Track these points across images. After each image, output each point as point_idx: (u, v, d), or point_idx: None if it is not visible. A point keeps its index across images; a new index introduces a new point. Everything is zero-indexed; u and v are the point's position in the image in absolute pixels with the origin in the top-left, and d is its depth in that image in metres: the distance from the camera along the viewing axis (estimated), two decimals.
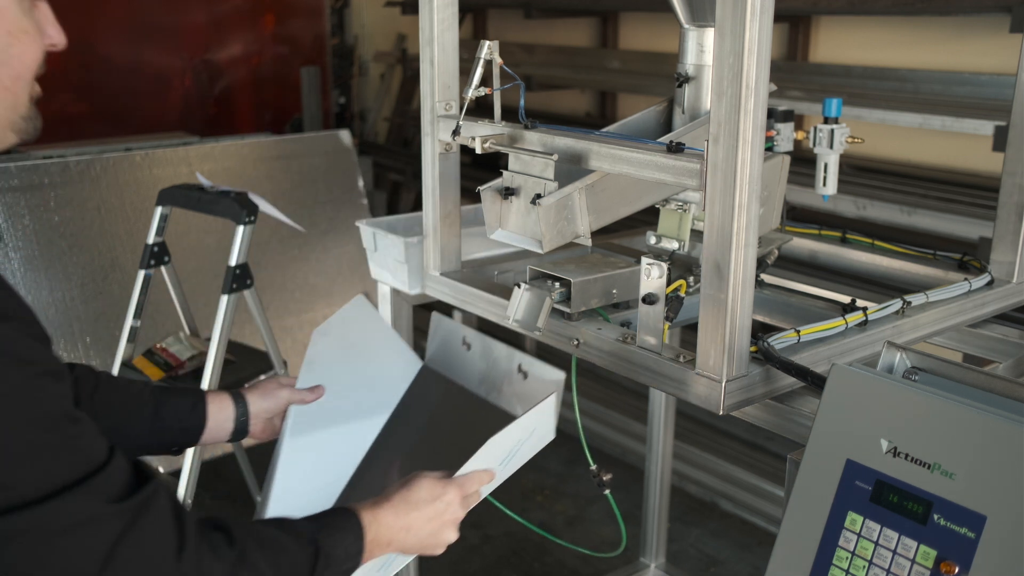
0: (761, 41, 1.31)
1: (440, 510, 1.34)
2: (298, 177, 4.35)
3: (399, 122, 6.21)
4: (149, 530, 1.05)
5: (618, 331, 1.66)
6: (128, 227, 3.83)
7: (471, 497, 1.40)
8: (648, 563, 2.88)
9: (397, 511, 1.32)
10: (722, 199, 1.37)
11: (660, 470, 2.80)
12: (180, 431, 1.53)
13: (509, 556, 3.33)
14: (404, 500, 1.33)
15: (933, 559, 1.14)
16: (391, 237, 2.08)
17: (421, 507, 1.33)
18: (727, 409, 1.47)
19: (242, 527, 1.18)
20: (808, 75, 3.91)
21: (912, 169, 3.69)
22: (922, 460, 1.17)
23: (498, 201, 1.71)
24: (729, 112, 1.34)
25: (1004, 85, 3.30)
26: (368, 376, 1.75)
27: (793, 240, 2.14)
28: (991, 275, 1.92)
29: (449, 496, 1.35)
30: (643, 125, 1.87)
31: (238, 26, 5.74)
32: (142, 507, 1.05)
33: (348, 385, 1.70)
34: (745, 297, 1.42)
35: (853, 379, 1.25)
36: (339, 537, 1.25)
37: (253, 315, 2.89)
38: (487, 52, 1.71)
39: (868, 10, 3.51)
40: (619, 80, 4.69)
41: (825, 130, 1.81)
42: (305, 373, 1.67)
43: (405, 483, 1.36)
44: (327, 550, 1.22)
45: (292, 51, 5.99)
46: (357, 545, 1.26)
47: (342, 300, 4.39)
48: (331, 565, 1.23)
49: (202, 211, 2.84)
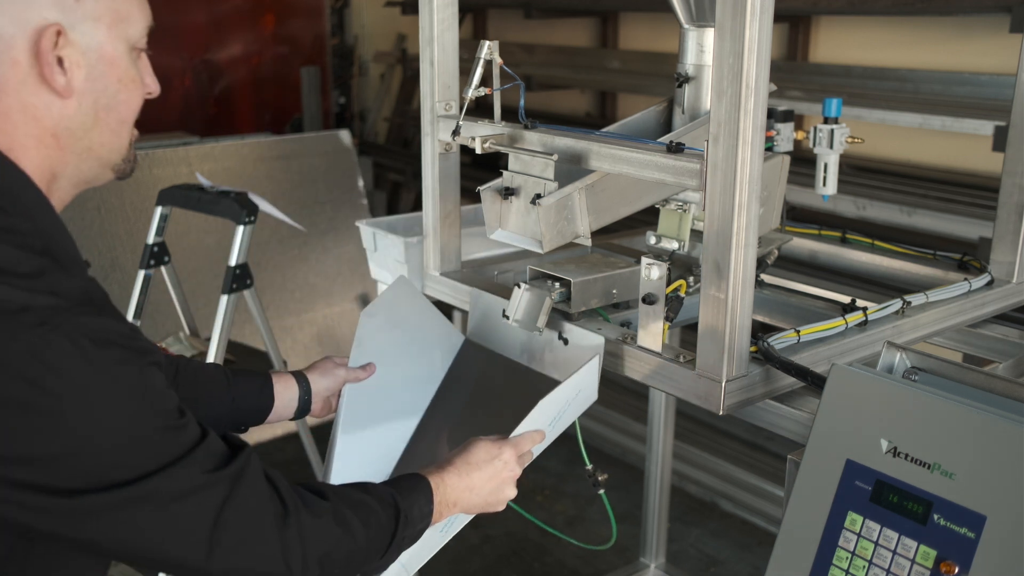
0: (761, 41, 1.31)
1: (499, 468, 1.43)
2: (298, 177, 4.35)
3: (399, 122, 6.21)
4: (249, 495, 1.14)
5: (618, 331, 1.66)
6: (128, 227, 3.83)
7: (525, 456, 1.48)
8: (648, 563, 2.88)
9: (460, 473, 1.41)
10: (722, 199, 1.38)
11: (660, 470, 2.80)
12: (251, 411, 1.63)
13: (509, 556, 3.33)
14: (465, 462, 1.42)
15: (933, 559, 1.14)
16: (391, 237, 2.08)
17: (481, 467, 1.42)
18: (727, 409, 1.47)
19: (332, 490, 1.27)
20: (808, 75, 3.91)
21: (912, 169, 3.69)
22: (922, 460, 1.17)
23: (498, 201, 1.71)
24: (729, 112, 1.34)
25: (1004, 85, 3.30)
26: (415, 352, 1.83)
27: (793, 240, 2.14)
28: (991, 275, 1.92)
29: (506, 455, 1.44)
30: (643, 125, 1.87)
31: (238, 26, 5.74)
32: (239, 474, 1.14)
33: (397, 361, 1.78)
34: (745, 297, 1.42)
35: (853, 379, 1.25)
36: (413, 498, 1.34)
37: (253, 315, 2.89)
38: (487, 52, 1.71)
39: (868, 10, 3.51)
40: (619, 80, 4.69)
41: (825, 130, 1.82)
42: (356, 352, 1.75)
43: (463, 448, 1.45)
44: (405, 511, 1.31)
45: (292, 51, 5.99)
46: (428, 506, 1.36)
47: (342, 300, 4.40)
48: (409, 524, 1.32)
49: (202, 211, 2.84)
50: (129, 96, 1.18)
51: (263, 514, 1.15)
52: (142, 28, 1.18)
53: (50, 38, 1.08)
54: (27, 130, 1.12)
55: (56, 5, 1.09)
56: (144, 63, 1.21)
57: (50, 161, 1.14)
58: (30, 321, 0.99)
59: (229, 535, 1.12)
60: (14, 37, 1.08)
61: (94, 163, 1.19)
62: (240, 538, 1.13)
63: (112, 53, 1.14)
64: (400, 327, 1.80)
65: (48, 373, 0.99)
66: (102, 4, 1.12)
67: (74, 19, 1.10)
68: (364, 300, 4.44)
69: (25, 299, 1.00)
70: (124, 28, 1.15)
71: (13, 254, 1.03)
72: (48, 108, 1.12)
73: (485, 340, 1.84)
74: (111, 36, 1.14)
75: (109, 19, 1.13)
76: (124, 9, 1.15)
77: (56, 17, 1.09)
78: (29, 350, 0.99)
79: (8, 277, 1.01)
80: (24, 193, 1.11)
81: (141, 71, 1.20)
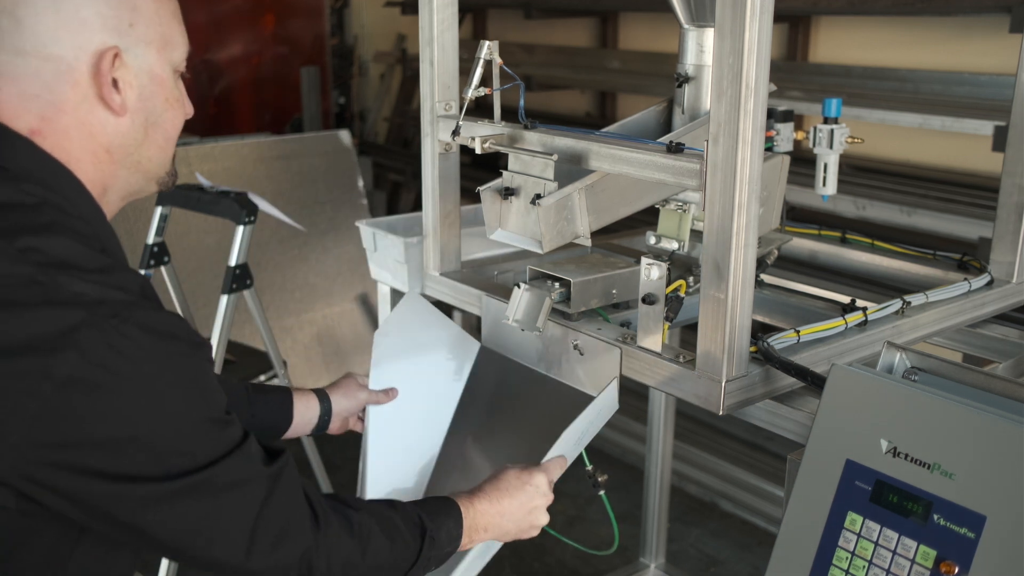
0: (761, 41, 1.31)
1: (531, 495, 1.47)
2: (298, 177, 4.35)
3: (399, 122, 6.21)
4: (286, 497, 1.19)
5: (618, 331, 1.66)
6: (128, 227, 3.83)
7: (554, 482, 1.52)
8: (648, 563, 2.88)
9: (491, 499, 1.44)
10: (722, 199, 1.37)
11: (660, 470, 2.80)
12: (270, 426, 1.67)
13: (509, 556, 3.33)
14: (496, 488, 1.46)
15: (933, 559, 1.14)
16: (391, 237, 2.08)
17: (513, 493, 1.46)
18: (727, 409, 1.47)
19: (361, 504, 1.31)
20: (808, 75, 3.91)
21: (912, 169, 3.69)
22: (922, 460, 1.17)
23: (498, 201, 1.71)
24: (729, 112, 1.34)
25: (1004, 85, 3.29)
26: (433, 365, 1.84)
27: (793, 240, 2.14)
28: (991, 275, 1.92)
29: (537, 480, 1.47)
30: (643, 125, 1.87)
31: (238, 26, 5.74)
32: (279, 475, 1.19)
33: (417, 377, 1.80)
34: (745, 297, 1.42)
35: (853, 379, 1.25)
36: (441, 520, 1.37)
37: (253, 315, 2.89)
38: (487, 52, 1.71)
39: (868, 10, 3.51)
40: (619, 80, 4.69)
41: (825, 130, 1.82)
42: (375, 374, 1.76)
43: (493, 476, 1.49)
44: (432, 532, 1.34)
45: (292, 51, 5.99)
46: (457, 530, 1.39)
47: (342, 300, 4.40)
48: (435, 547, 1.35)
49: (202, 211, 2.84)
50: (174, 115, 1.27)
51: (299, 517, 1.20)
52: (183, 53, 1.27)
53: (109, 61, 1.15)
54: (83, 145, 1.18)
55: (113, 29, 1.16)
56: (182, 86, 1.29)
57: (103, 174, 1.21)
58: (105, 312, 1.05)
59: (267, 533, 1.16)
60: (76, 60, 1.14)
61: (141, 176, 1.27)
62: (276, 537, 1.17)
63: (161, 74, 1.22)
64: (415, 342, 1.82)
65: (121, 359, 1.05)
66: (152, 28, 1.20)
67: (128, 42, 1.18)
68: (364, 300, 4.44)
69: (100, 292, 1.07)
70: (170, 52, 1.24)
71: (82, 251, 1.10)
72: (104, 125, 1.19)
73: (500, 346, 1.84)
74: (160, 59, 1.22)
75: (158, 43, 1.21)
76: (169, 34, 1.23)
77: (113, 41, 1.16)
78: (105, 339, 1.04)
79: (82, 272, 1.08)
80: (81, 201, 1.18)
81: (182, 92, 1.28)
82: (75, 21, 1.13)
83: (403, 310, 1.82)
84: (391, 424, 1.76)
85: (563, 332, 1.70)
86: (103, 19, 1.15)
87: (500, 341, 1.84)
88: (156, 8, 1.21)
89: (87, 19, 1.14)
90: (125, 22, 1.17)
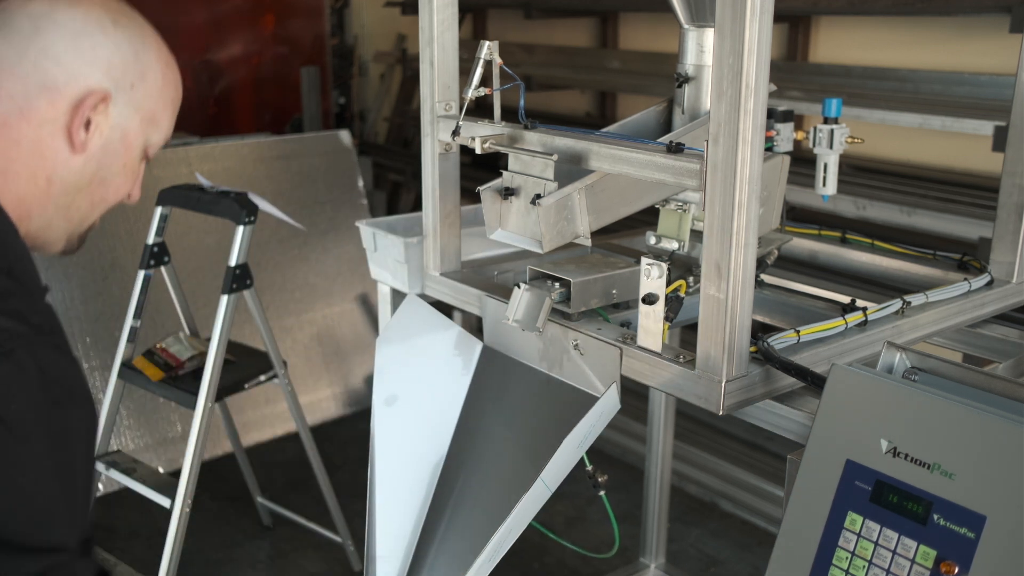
0: (761, 41, 1.31)
1: None
2: (298, 177, 4.34)
3: (399, 122, 6.21)
4: None
5: (618, 331, 1.66)
6: (128, 227, 3.83)
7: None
8: (648, 563, 2.88)
9: None
10: (722, 199, 1.38)
11: (660, 470, 2.80)
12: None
13: (509, 556, 3.31)
14: None
15: (933, 559, 1.14)
16: (391, 237, 2.08)
17: None
18: (727, 409, 1.47)
19: None
20: (808, 75, 3.91)
21: (912, 169, 3.69)
22: (922, 460, 1.17)
23: (498, 201, 1.71)
24: (729, 112, 1.34)
25: (1004, 85, 3.29)
26: (437, 368, 1.84)
27: (793, 240, 2.14)
28: (991, 275, 1.92)
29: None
30: (643, 125, 1.87)
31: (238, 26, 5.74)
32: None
33: (421, 381, 1.81)
34: (745, 297, 1.42)
35: (853, 379, 1.25)
36: None
37: (253, 315, 2.89)
38: (487, 52, 1.71)
39: (868, 10, 3.51)
40: (619, 80, 4.69)
41: (825, 130, 1.82)
42: (378, 380, 1.77)
43: None
44: None
45: (292, 51, 5.98)
46: None
47: (342, 300, 4.40)
48: None
49: (202, 211, 2.84)
50: (122, 184, 1.24)
51: None
52: (161, 140, 1.26)
53: (94, 100, 1.15)
54: (27, 162, 1.14)
55: (114, 79, 1.17)
56: (141, 169, 1.27)
57: (30, 201, 1.16)
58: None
59: None
60: (66, 85, 1.14)
61: (62, 223, 1.21)
62: None
63: (132, 141, 1.21)
64: (418, 346, 1.82)
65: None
66: (149, 100, 1.21)
67: (121, 97, 1.18)
68: (364, 300, 4.44)
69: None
70: (152, 130, 1.24)
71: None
72: (56, 153, 1.16)
73: (502, 346, 1.84)
74: (140, 129, 1.22)
75: (147, 115, 1.22)
76: (160, 115, 1.24)
77: (107, 86, 1.16)
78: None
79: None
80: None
81: (138, 173, 1.26)
82: (87, 54, 1.15)
83: (403, 314, 1.82)
84: (397, 428, 1.76)
85: (563, 332, 1.70)
86: (111, 66, 1.16)
87: (501, 341, 1.84)
88: (161, 87, 1.23)
89: (98, 58, 1.15)
90: (129, 80, 1.18)
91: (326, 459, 3.28)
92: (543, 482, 1.57)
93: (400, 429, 1.77)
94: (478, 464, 1.77)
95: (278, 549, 3.37)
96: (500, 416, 1.81)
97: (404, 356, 1.80)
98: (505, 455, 1.75)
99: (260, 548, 3.37)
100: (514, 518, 1.58)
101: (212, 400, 2.71)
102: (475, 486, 1.69)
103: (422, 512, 1.77)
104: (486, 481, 1.60)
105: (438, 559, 1.73)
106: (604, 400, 1.57)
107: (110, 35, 1.16)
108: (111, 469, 2.83)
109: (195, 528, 3.29)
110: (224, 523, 3.50)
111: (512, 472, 1.69)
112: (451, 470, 1.81)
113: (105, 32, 1.16)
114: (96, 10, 1.16)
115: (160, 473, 2.94)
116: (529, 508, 1.59)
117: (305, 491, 3.66)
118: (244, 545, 3.38)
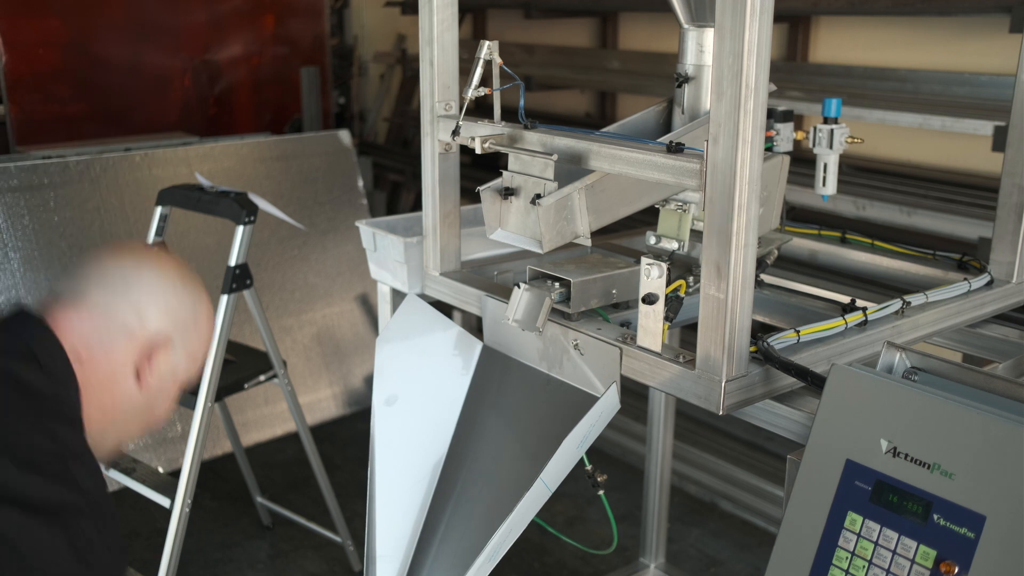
0: (761, 41, 1.31)
1: None
2: (298, 177, 4.34)
3: (399, 122, 6.21)
4: None
5: (618, 331, 1.66)
6: (128, 227, 3.83)
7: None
8: (648, 563, 2.88)
9: None
10: (722, 199, 1.38)
11: (660, 470, 2.80)
12: None
13: (509, 556, 3.32)
14: None
15: (933, 559, 1.14)
16: (391, 237, 2.08)
17: None
18: (727, 409, 1.47)
19: None
20: (808, 75, 3.91)
21: (912, 169, 3.69)
22: (922, 460, 1.17)
23: (498, 201, 1.71)
24: (729, 112, 1.34)
25: (1004, 85, 3.30)
26: (437, 368, 1.85)
27: (793, 240, 2.14)
28: (991, 275, 1.92)
29: None
30: (643, 125, 1.87)
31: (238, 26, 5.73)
32: None
33: (421, 381, 1.82)
34: (745, 297, 1.42)
35: (853, 379, 1.25)
36: None
37: (253, 315, 2.89)
38: (487, 52, 1.71)
39: (868, 10, 3.51)
40: (619, 80, 4.69)
41: (825, 130, 1.82)
42: (378, 380, 1.78)
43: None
44: None
45: (292, 51, 5.98)
46: None
47: (342, 300, 4.40)
48: None
49: (202, 211, 2.84)
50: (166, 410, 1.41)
51: None
52: (197, 372, 1.44)
53: (160, 344, 1.34)
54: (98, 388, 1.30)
55: (176, 328, 1.36)
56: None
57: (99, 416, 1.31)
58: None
59: None
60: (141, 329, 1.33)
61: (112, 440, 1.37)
62: None
63: (180, 376, 1.39)
64: (418, 346, 1.82)
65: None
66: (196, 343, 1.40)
67: (179, 341, 1.36)
68: (364, 300, 4.44)
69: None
70: (193, 367, 1.41)
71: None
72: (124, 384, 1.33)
73: (502, 346, 1.84)
74: (186, 368, 1.40)
75: (194, 356, 1.40)
76: (200, 353, 1.42)
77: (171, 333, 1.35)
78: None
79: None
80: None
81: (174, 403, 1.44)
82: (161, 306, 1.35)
83: (403, 314, 1.82)
84: (397, 427, 1.76)
85: (563, 332, 1.70)
86: (176, 319, 1.35)
87: (501, 341, 1.84)
88: (207, 332, 1.42)
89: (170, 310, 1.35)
90: (186, 328, 1.37)
91: (326, 459, 3.28)
92: (543, 482, 1.57)
93: (400, 429, 1.77)
94: (478, 464, 1.77)
95: (278, 549, 3.37)
96: (500, 416, 1.80)
97: (404, 356, 1.80)
98: (505, 455, 1.75)
99: (260, 548, 3.37)
100: (514, 518, 1.58)
101: (212, 400, 2.71)
102: (475, 486, 1.69)
103: (422, 512, 1.76)
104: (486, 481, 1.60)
105: (438, 559, 1.73)
106: (604, 400, 1.57)
107: (179, 292, 1.37)
108: (111, 469, 2.83)
109: (195, 528, 3.30)
110: (224, 523, 3.50)
111: (512, 472, 1.69)
112: (451, 470, 1.81)
113: (175, 290, 1.36)
114: (170, 270, 1.37)
115: (160, 473, 2.94)
116: (529, 508, 1.59)
117: (305, 491, 3.66)
118: (244, 545, 3.38)
